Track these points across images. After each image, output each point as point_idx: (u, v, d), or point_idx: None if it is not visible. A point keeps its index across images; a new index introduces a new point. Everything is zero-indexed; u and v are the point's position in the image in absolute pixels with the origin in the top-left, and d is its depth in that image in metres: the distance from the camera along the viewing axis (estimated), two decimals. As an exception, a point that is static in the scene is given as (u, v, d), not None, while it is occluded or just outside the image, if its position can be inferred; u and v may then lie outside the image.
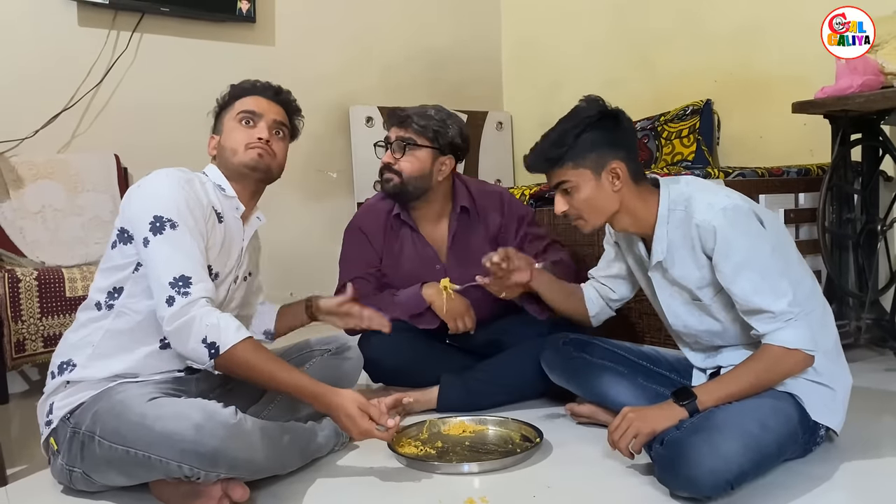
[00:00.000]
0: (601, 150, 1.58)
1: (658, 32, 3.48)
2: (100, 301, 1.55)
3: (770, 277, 1.47)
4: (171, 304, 1.43)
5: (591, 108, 1.62)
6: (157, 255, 1.47)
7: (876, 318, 2.40)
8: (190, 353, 1.46)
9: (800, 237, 2.48)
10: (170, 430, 1.36)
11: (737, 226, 1.48)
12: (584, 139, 1.58)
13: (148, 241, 1.48)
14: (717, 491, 1.39)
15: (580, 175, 1.59)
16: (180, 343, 1.46)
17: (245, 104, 1.75)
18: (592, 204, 1.60)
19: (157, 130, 3.25)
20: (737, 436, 1.39)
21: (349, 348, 1.95)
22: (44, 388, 1.57)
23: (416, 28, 4.04)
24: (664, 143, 3.20)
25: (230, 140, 1.72)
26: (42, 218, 2.80)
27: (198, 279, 1.47)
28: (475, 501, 1.47)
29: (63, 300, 2.33)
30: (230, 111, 1.76)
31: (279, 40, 3.61)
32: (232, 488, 1.43)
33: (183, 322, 1.43)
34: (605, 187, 1.59)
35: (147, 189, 1.55)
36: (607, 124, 1.60)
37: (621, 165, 1.58)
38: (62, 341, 1.60)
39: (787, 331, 1.46)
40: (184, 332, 1.44)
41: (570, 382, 1.91)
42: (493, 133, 4.19)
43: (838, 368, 1.57)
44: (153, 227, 1.48)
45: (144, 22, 3.20)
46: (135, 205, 1.53)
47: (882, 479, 1.55)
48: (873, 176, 2.45)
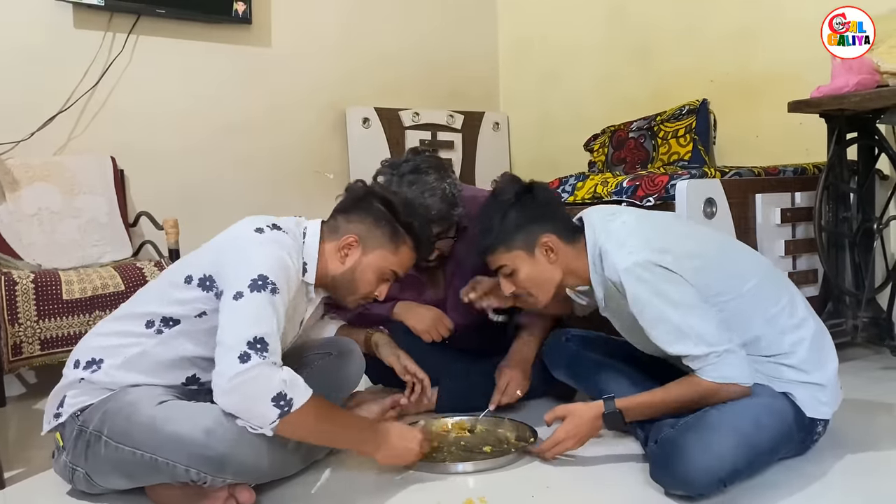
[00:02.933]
0: (527, 228, 1.64)
1: (654, 32, 3.49)
2: (152, 321, 1.51)
3: (686, 325, 1.48)
4: (244, 361, 1.31)
5: (506, 191, 1.67)
6: (247, 310, 1.38)
7: (872, 317, 2.41)
8: (253, 412, 1.34)
9: (796, 236, 2.49)
10: (179, 433, 1.36)
11: (641, 284, 1.50)
12: (507, 222, 1.63)
13: (242, 294, 1.39)
14: (709, 489, 1.41)
15: (514, 257, 1.65)
16: (244, 401, 1.33)
17: (402, 262, 1.66)
18: (535, 281, 1.67)
19: (154, 132, 3.24)
20: (730, 434, 1.41)
21: (351, 352, 1.93)
22: (63, 371, 1.56)
23: (413, 28, 4.04)
24: (661, 143, 3.20)
25: (364, 281, 1.63)
26: (38, 220, 2.80)
27: (275, 348, 1.37)
28: (474, 502, 1.47)
29: (60, 303, 2.33)
30: (390, 250, 1.62)
31: (275, 42, 3.60)
32: (239, 492, 1.44)
33: (253, 378, 1.32)
34: (542, 262, 1.65)
35: (258, 247, 1.47)
36: (524, 201, 1.65)
37: (551, 237, 1.64)
38: (95, 334, 1.58)
39: (717, 368, 1.48)
40: (252, 390, 1.32)
41: (571, 378, 1.93)
42: (489, 133, 4.19)
43: (822, 359, 1.56)
44: (254, 285, 1.39)
45: (140, 24, 3.19)
46: (238, 257, 1.46)
47: (876, 477, 1.55)
48: (869, 175, 2.46)
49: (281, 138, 3.57)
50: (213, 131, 3.40)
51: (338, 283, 1.64)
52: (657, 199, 2.27)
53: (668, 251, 1.53)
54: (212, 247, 1.56)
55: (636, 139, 3.32)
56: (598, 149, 3.51)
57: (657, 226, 1.65)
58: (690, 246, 1.59)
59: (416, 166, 1.90)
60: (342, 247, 1.61)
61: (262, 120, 3.52)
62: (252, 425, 1.35)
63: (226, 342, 1.35)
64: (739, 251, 1.69)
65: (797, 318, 1.57)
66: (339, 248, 1.61)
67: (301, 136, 3.60)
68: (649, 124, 3.29)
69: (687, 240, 1.63)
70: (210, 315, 1.48)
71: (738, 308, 1.54)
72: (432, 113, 3.98)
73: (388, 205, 1.63)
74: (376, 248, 1.62)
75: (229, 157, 3.43)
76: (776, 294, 1.58)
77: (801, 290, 2.43)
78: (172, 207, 2.93)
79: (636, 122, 3.36)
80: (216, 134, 3.41)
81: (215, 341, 1.38)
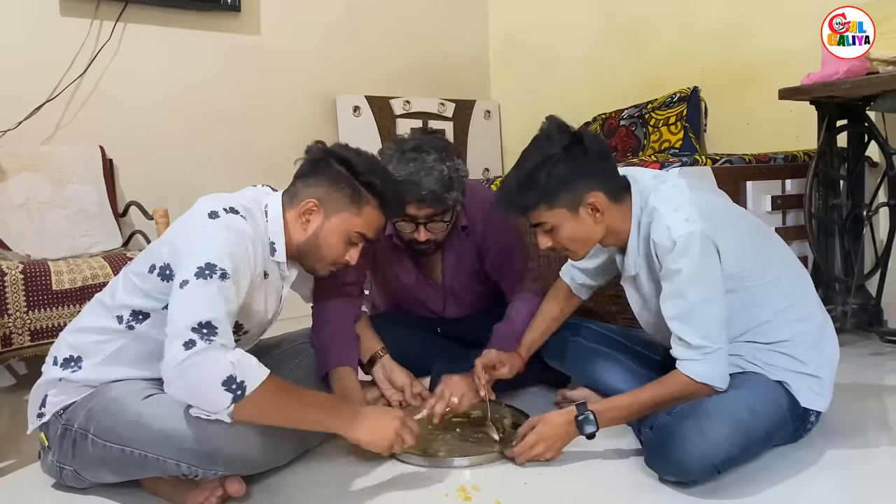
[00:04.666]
0: (573, 185, 1.51)
1: (645, 20, 3.48)
2: (122, 316, 1.47)
3: (698, 311, 1.46)
4: (189, 348, 1.26)
5: (553, 143, 1.51)
6: (193, 297, 1.32)
7: (862, 303, 2.43)
8: (204, 399, 1.28)
9: (787, 223, 2.50)
10: (168, 428, 1.35)
11: (685, 255, 1.45)
12: (553, 179, 1.50)
13: (188, 282, 1.33)
14: (703, 475, 1.42)
15: (557, 215, 1.53)
16: (193, 388, 1.27)
17: (369, 224, 1.57)
18: (576, 238, 1.57)
19: (142, 121, 3.22)
20: (725, 421, 1.41)
21: None
22: (42, 368, 1.53)
23: (403, 16, 4.01)
24: (651, 131, 3.20)
25: (329, 246, 1.56)
26: (27, 210, 2.78)
27: (224, 332, 1.31)
28: (467, 490, 1.48)
29: (50, 293, 2.31)
30: (353, 211, 1.55)
31: (264, 29, 3.57)
32: (229, 483, 1.43)
33: (197, 364, 1.26)
34: (586, 221, 1.54)
35: (208, 234, 1.40)
36: (574, 155, 1.50)
37: (598, 195, 1.53)
38: (71, 331, 1.53)
39: (699, 364, 1.47)
40: (199, 375, 1.26)
41: (566, 366, 1.94)
42: (481, 122, 4.18)
43: (823, 353, 1.57)
44: (201, 272, 1.33)
45: (128, 11, 3.16)
46: (187, 244, 1.40)
47: (867, 463, 1.57)
48: (859, 162, 2.47)
49: (271, 127, 3.54)
50: (203, 120, 3.38)
51: (303, 251, 1.57)
52: (648, 186, 2.27)
53: (723, 227, 1.49)
54: (171, 232, 1.50)
55: (627, 127, 3.32)
56: (589, 137, 3.50)
57: (709, 197, 1.60)
58: (743, 224, 1.58)
59: (418, 145, 1.84)
60: (302, 213, 1.55)
61: (251, 108, 3.49)
62: (206, 412, 1.30)
63: (171, 332, 1.29)
64: (772, 239, 1.66)
65: (805, 310, 1.58)
66: (300, 214, 1.55)
67: (291, 124, 3.58)
68: (640, 112, 3.29)
69: (739, 218, 1.60)
70: None
71: (755, 294, 1.52)
72: (423, 101, 3.97)
73: (347, 164, 1.54)
74: (339, 211, 1.54)
75: (219, 145, 3.41)
76: (793, 286, 1.58)
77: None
78: (162, 197, 2.91)
79: (627, 109, 3.36)
80: (206, 123, 3.38)
81: None
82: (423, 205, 1.81)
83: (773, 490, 1.42)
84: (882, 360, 2.34)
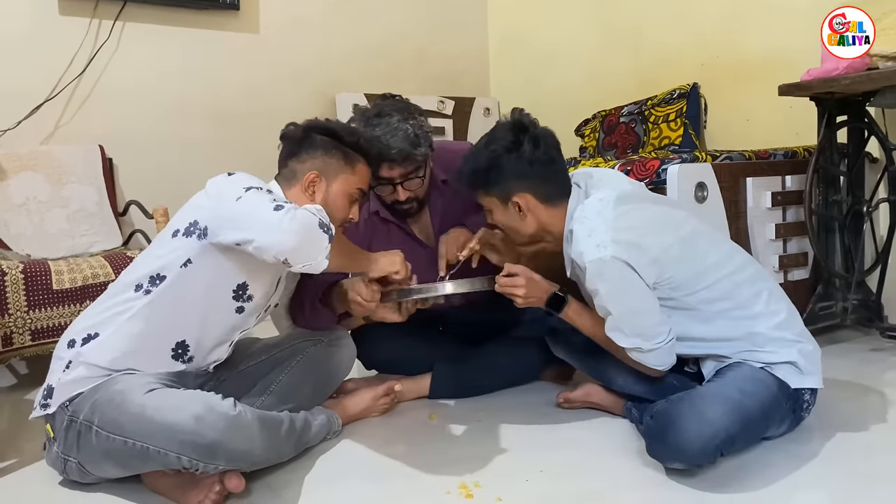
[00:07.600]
0: (504, 183, 1.65)
1: (644, 16, 3.48)
2: (141, 284, 1.52)
3: (627, 321, 1.57)
4: (279, 210, 1.39)
5: (497, 140, 1.66)
6: (255, 198, 1.44)
7: (862, 299, 2.43)
8: (312, 241, 1.41)
9: (787, 219, 2.49)
10: (169, 421, 1.36)
11: (599, 279, 1.54)
12: (490, 171, 1.65)
13: (241, 197, 1.45)
14: (706, 456, 1.44)
15: (489, 202, 1.71)
16: (304, 230, 1.40)
17: (363, 178, 1.71)
18: (508, 227, 1.72)
19: (142, 120, 3.22)
20: (720, 401, 1.47)
21: (342, 338, 1.95)
22: (53, 353, 1.55)
23: (403, 14, 4.01)
24: (651, 128, 3.20)
25: (337, 208, 1.66)
26: (26, 210, 2.78)
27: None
28: (468, 486, 1.48)
29: (50, 293, 2.31)
30: (348, 172, 1.67)
31: (263, 27, 3.57)
32: (228, 479, 1.43)
33: (298, 215, 1.39)
34: (514, 215, 1.68)
35: (237, 178, 1.53)
36: (511, 156, 1.63)
37: (525, 197, 1.65)
38: (87, 315, 1.57)
39: (639, 357, 1.60)
40: (304, 220, 1.40)
41: (574, 360, 1.95)
42: (480, 119, 4.17)
43: (792, 341, 1.57)
44: (249, 188, 1.47)
45: (126, 10, 3.15)
46: (220, 189, 1.51)
47: (866, 457, 1.57)
48: (859, 157, 2.47)
49: (271, 125, 3.48)
50: (203, 119, 3.38)
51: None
52: (648, 183, 2.27)
53: (640, 245, 1.54)
54: (191, 202, 1.58)
55: (627, 124, 3.31)
56: (588, 134, 3.51)
57: (635, 212, 1.61)
58: (670, 236, 1.58)
59: (380, 111, 1.93)
60: (307, 186, 1.64)
61: (251, 107, 3.49)
62: (308, 262, 1.42)
63: (256, 219, 1.41)
64: (713, 243, 1.65)
65: (754, 309, 1.59)
66: (305, 188, 1.64)
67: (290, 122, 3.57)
68: (640, 109, 3.29)
69: (667, 229, 1.60)
70: (195, 263, 1.50)
71: (692, 302, 1.58)
72: (423, 99, 3.94)
73: (331, 133, 1.68)
74: (337, 175, 1.66)
75: (219, 144, 3.41)
76: (737, 287, 1.59)
77: (791, 272, 2.49)
78: (162, 196, 2.90)
79: (627, 106, 3.36)
80: (205, 121, 3.38)
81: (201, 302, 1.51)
82: (395, 164, 1.89)
83: (776, 484, 1.43)
84: (883, 356, 2.35)
